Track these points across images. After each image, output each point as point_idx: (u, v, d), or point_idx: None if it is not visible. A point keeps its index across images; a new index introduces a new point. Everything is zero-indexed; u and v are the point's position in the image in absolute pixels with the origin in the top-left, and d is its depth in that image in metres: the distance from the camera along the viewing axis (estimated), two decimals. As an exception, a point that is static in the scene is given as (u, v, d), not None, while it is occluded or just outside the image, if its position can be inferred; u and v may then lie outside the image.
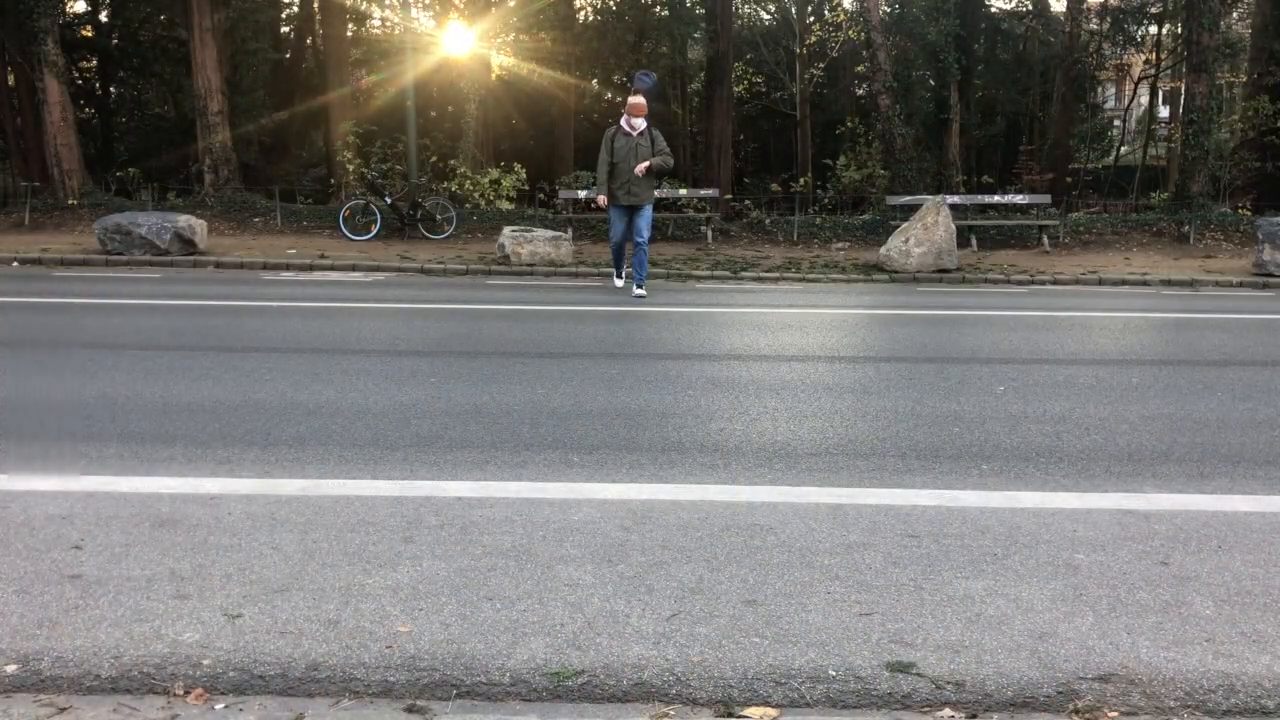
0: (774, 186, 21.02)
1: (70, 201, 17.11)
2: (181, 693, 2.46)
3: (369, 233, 15.70)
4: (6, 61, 19.23)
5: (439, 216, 16.05)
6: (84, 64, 25.92)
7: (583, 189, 16.22)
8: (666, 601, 2.95)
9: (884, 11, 20.18)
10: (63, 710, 2.36)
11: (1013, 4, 27.16)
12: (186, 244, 13.57)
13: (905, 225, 13.76)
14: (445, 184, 17.89)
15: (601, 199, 10.49)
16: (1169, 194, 18.66)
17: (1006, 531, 3.55)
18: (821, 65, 28.65)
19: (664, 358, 6.88)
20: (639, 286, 10.46)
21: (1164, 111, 29.60)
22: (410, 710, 2.39)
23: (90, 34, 25.31)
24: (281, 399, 5.42)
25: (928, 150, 20.16)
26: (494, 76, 22.41)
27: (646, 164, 10.23)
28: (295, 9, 27.38)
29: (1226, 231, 16.53)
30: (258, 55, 22.12)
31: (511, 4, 20.30)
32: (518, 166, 18.47)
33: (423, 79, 18.89)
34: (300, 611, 2.86)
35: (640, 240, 10.33)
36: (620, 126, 10.43)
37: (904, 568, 3.22)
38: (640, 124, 10.42)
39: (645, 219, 10.35)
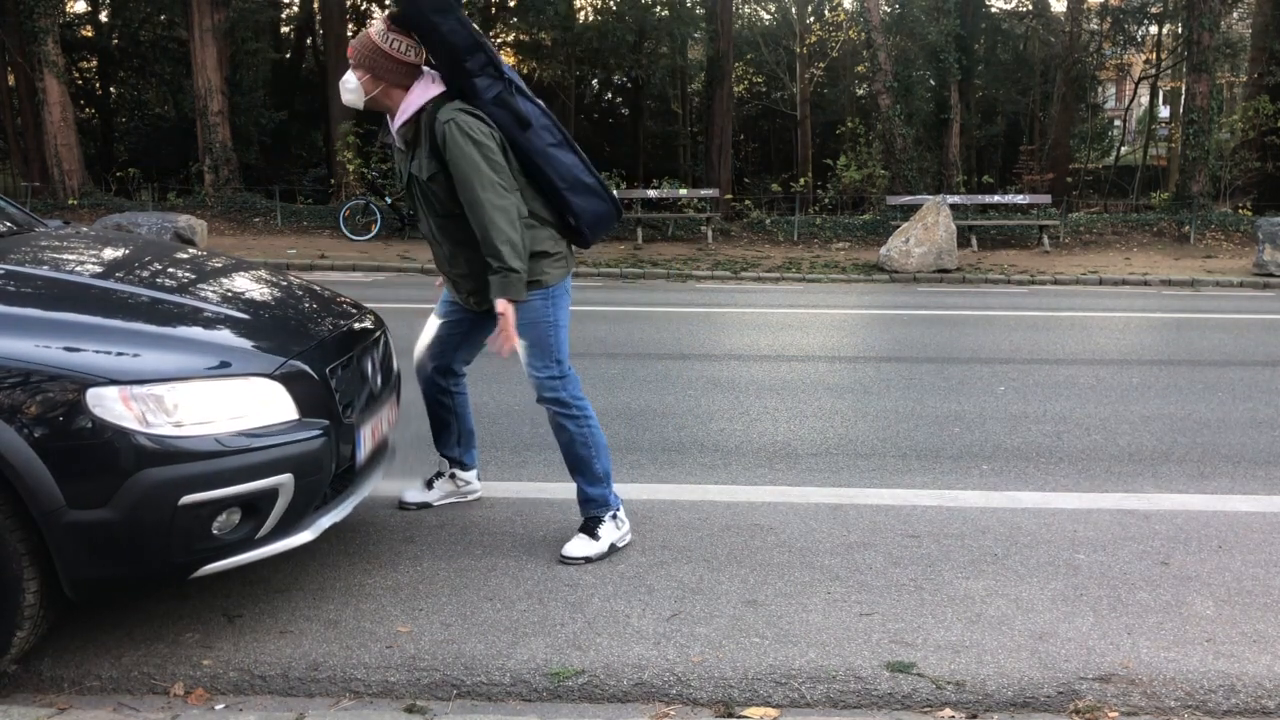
0: (774, 186, 21.02)
1: (70, 201, 17.12)
2: (181, 693, 2.46)
3: (369, 233, 15.71)
4: (6, 61, 19.24)
5: (439, 216, 16.05)
6: (84, 64, 25.93)
7: None
8: (666, 601, 2.95)
9: (884, 11, 20.18)
10: (63, 710, 2.36)
11: (1013, 4, 27.17)
12: (186, 244, 13.58)
13: (905, 225, 13.77)
14: (445, 184, 17.88)
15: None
16: (1169, 194, 18.67)
17: (1007, 531, 3.55)
18: (821, 65, 28.65)
19: (664, 358, 6.88)
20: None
21: (1164, 111, 29.61)
22: (410, 710, 2.39)
23: (90, 34, 25.33)
24: (281, 399, 5.41)
25: (928, 150, 20.17)
26: (494, 76, 22.35)
27: (510, 341, 3.16)
28: (295, 9, 27.36)
29: (1227, 231, 16.54)
30: (258, 55, 22.13)
31: (512, 3, 20.30)
32: (518, 166, 18.45)
33: (423, 79, 18.86)
34: (300, 611, 2.86)
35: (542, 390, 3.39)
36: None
37: (904, 568, 3.21)
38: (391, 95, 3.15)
39: (524, 352, 3.33)
